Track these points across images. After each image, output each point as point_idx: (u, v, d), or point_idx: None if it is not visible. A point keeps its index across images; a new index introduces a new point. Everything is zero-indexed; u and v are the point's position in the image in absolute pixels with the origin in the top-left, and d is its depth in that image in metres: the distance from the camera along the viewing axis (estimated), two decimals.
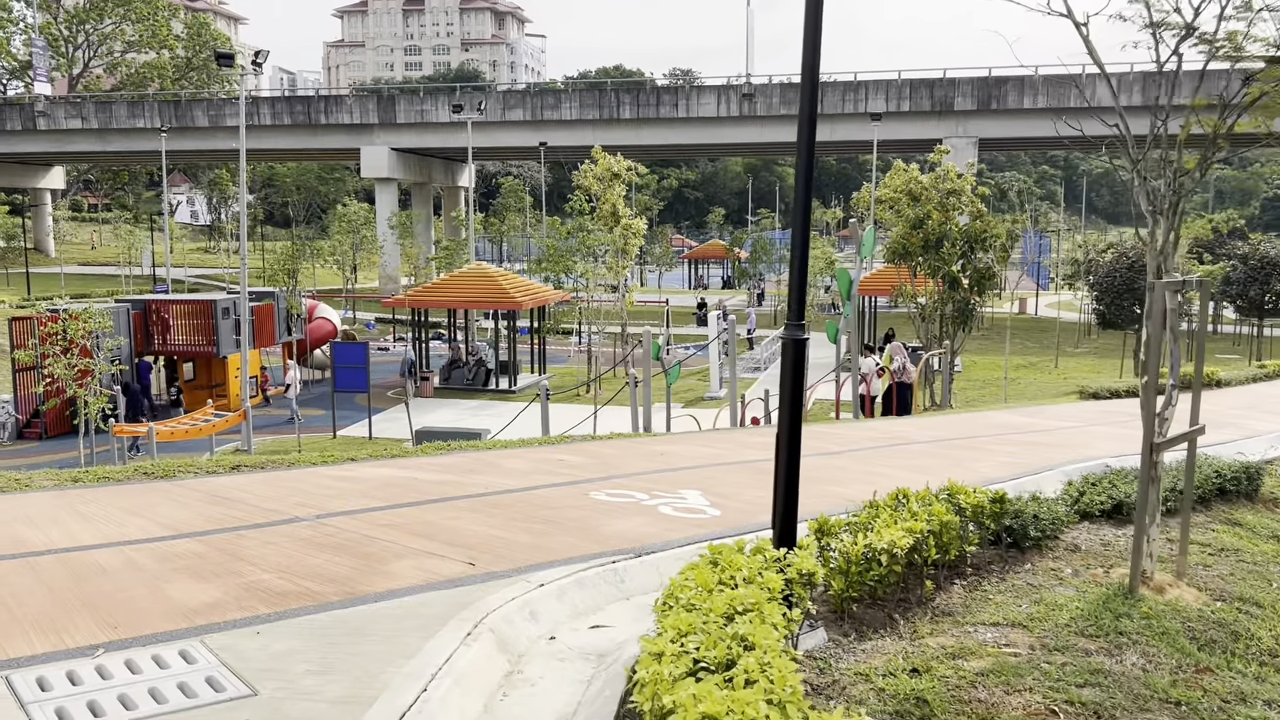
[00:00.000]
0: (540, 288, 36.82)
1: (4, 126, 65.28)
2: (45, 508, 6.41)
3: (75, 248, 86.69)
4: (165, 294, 47.22)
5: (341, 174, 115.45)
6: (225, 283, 66.36)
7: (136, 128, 64.14)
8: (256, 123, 62.71)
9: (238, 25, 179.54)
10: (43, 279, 58.46)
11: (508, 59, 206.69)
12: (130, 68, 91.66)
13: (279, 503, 6.75)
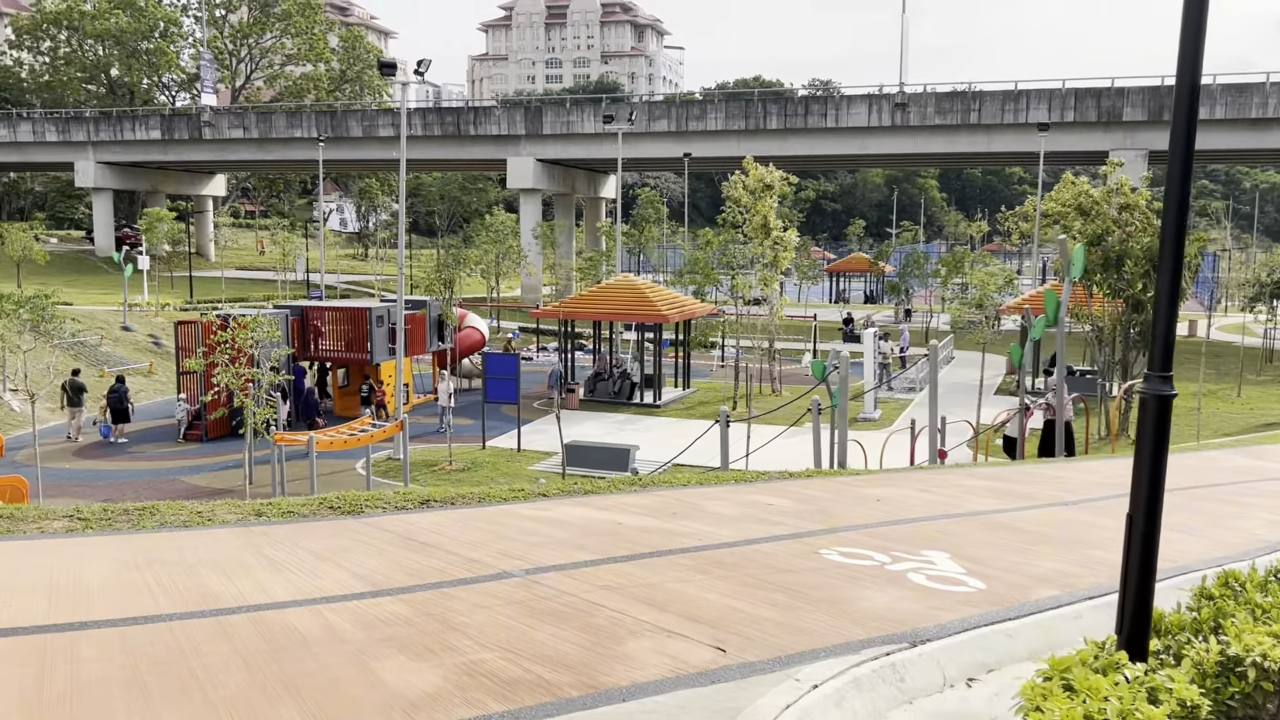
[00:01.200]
0: (686, 300, 36.06)
1: (173, 136, 68.24)
2: (231, 549, 5.82)
3: (234, 252, 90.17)
4: (319, 300, 48.28)
5: (484, 184, 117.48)
6: (375, 289, 67.85)
7: (294, 137, 66.17)
8: (408, 133, 63.90)
9: (388, 39, 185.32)
10: (203, 283, 60.73)
11: (646, 71, 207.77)
12: (289, 80, 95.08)
13: (480, 550, 6.02)
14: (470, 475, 24.50)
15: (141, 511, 6.46)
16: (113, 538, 5.91)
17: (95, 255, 72.86)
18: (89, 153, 70.20)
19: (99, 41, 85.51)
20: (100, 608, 4.75)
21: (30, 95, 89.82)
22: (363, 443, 20.11)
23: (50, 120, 71.82)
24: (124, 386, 29.35)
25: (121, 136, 69.25)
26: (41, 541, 5.76)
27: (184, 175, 79.33)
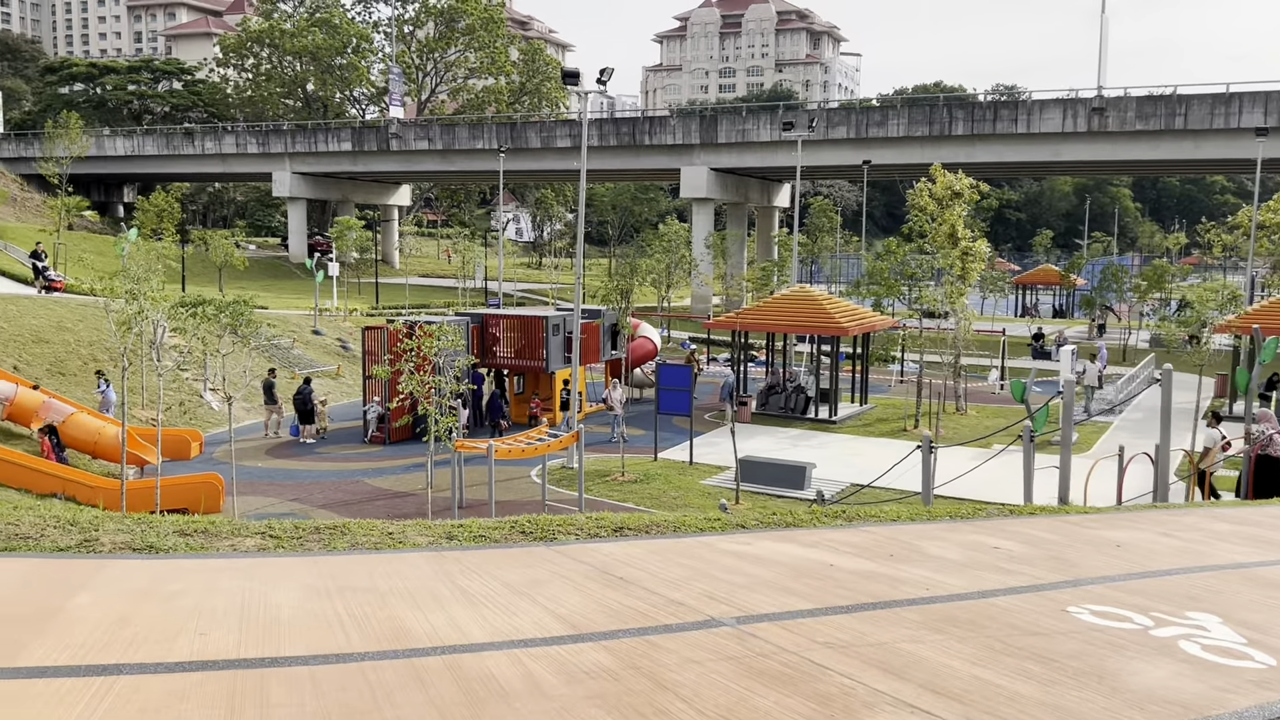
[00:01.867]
0: (865, 312, 34.87)
1: (363, 148, 71.17)
2: (423, 576, 5.48)
3: (417, 260, 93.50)
4: (497, 308, 49.21)
5: (655, 194, 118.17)
6: (549, 297, 68.92)
7: (475, 149, 67.95)
8: None
9: (565, 52, 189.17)
10: (388, 289, 62.96)
11: (821, 78, 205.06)
12: (471, 93, 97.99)
13: (683, 589, 5.50)
14: (642, 487, 24.20)
15: (333, 531, 6.22)
16: (303, 560, 5.66)
17: (289, 261, 76.74)
18: (286, 164, 73.99)
19: (297, 58, 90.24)
20: (290, 641, 4.45)
21: (234, 110, 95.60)
22: (539, 452, 20.04)
23: (252, 133, 76.08)
24: (309, 388, 30.43)
25: (315, 148, 72.70)
26: (234, 561, 5.55)
27: (372, 185, 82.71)
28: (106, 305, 19.15)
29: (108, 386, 27.47)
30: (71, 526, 5.97)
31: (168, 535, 5.89)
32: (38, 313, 32.74)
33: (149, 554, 5.60)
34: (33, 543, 5.67)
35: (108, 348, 32.70)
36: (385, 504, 23.21)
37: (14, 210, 69.66)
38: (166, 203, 49.42)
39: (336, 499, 23.52)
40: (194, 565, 5.45)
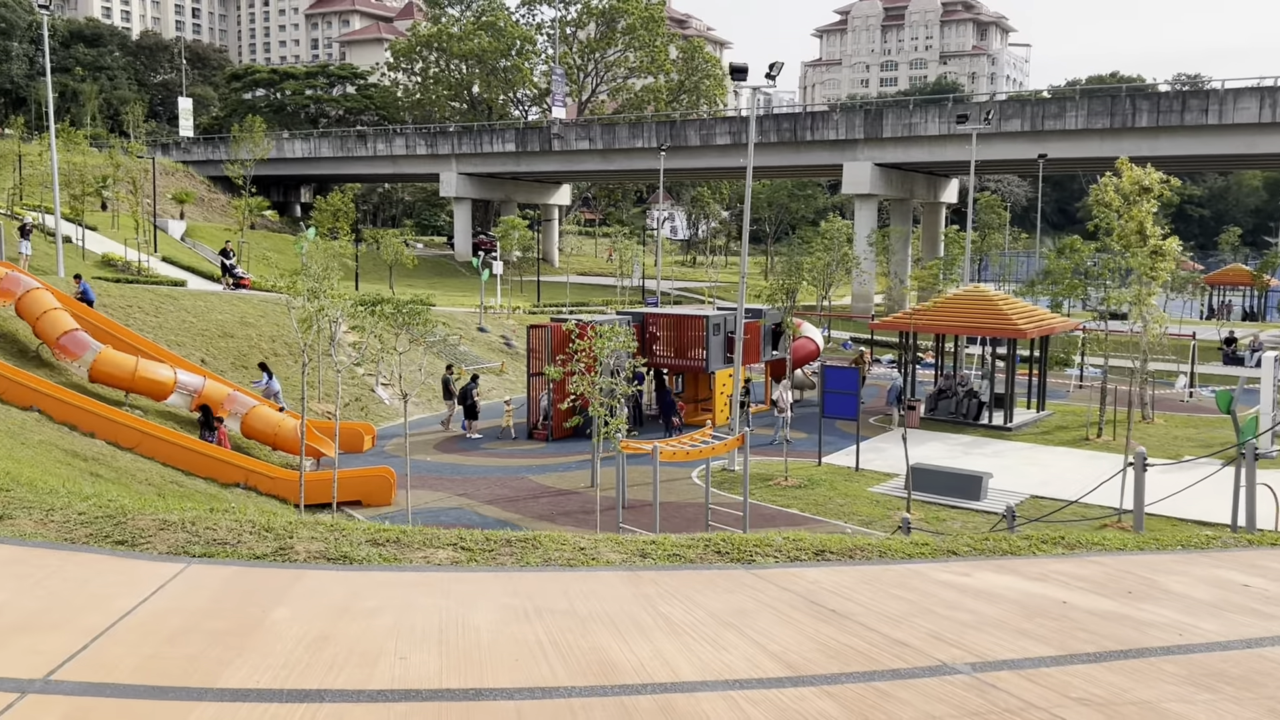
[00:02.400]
0: (1043, 313, 33.19)
1: (526, 148, 72.42)
2: (622, 599, 5.15)
3: (576, 259, 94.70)
4: (654, 306, 49.16)
5: (813, 191, 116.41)
6: (705, 296, 68.62)
7: (635, 148, 68.20)
8: (743, 140, 64.06)
9: (723, 49, 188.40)
10: (548, 287, 63.85)
11: (988, 70, 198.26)
12: (630, 92, 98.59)
13: (904, 627, 5.01)
14: (806, 493, 23.55)
15: (525, 544, 5.96)
16: (497, 575, 5.42)
17: (455, 260, 78.80)
18: (452, 165, 76.00)
19: (463, 61, 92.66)
20: (493, 670, 4.18)
21: (404, 113, 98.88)
22: (704, 455, 19.68)
23: (420, 135, 78.44)
24: (473, 384, 30.94)
25: (480, 149, 74.41)
26: (428, 576, 5.34)
27: (534, 185, 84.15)
28: (288, 302, 19.78)
29: (270, 378, 28.57)
30: (267, 533, 5.89)
31: (361, 545, 5.74)
32: (223, 308, 34.37)
33: (343, 565, 5.46)
34: (230, 549, 5.60)
35: (288, 342, 34.08)
36: (549, 501, 23.30)
37: (201, 210, 73.76)
38: (342, 203, 51.36)
39: (502, 495, 23.75)
40: (388, 579, 5.27)
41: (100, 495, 7.00)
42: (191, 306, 33.47)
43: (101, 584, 4.96)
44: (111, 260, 43.05)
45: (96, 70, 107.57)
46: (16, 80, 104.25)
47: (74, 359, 24.50)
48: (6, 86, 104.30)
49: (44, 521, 5.89)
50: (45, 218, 47.81)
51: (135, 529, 5.80)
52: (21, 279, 25.52)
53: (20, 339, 25.65)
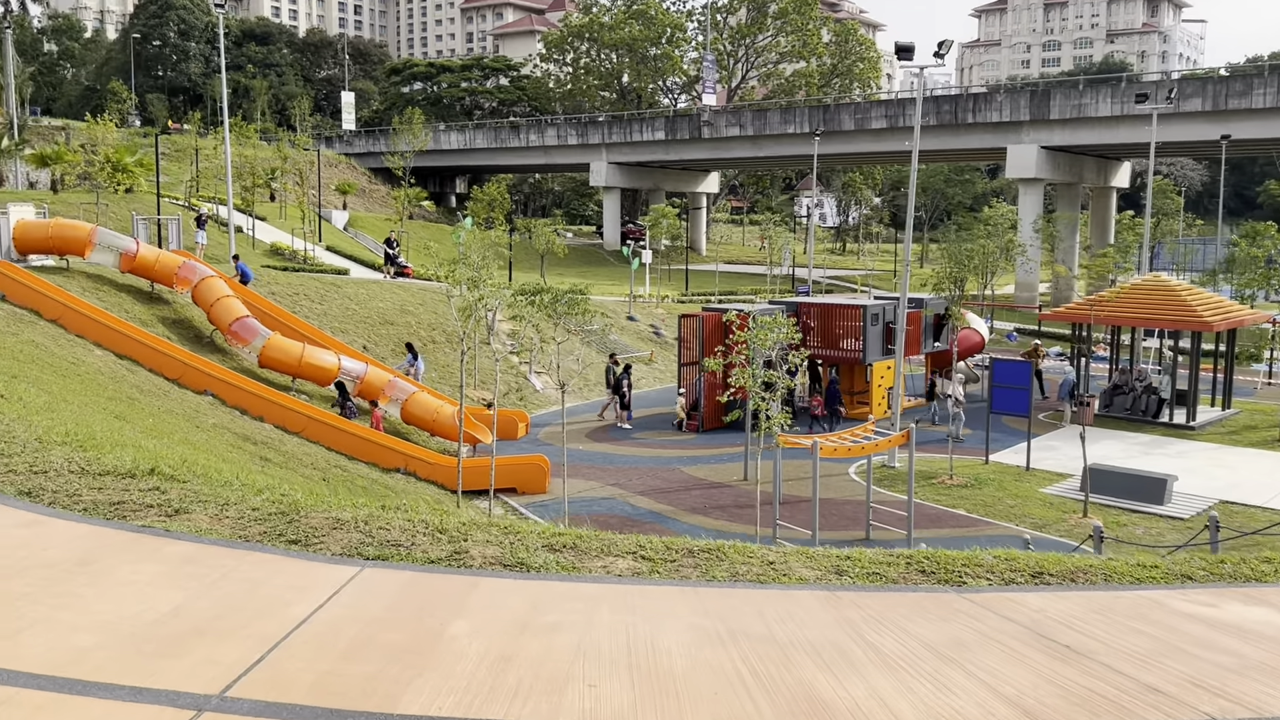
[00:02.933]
0: (1231, 305, 30.93)
1: (675, 136, 72.12)
2: (823, 624, 4.65)
3: (723, 247, 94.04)
4: (807, 295, 48.15)
5: (970, 176, 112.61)
6: (857, 284, 67.02)
7: (787, 133, 67.08)
8: (900, 124, 62.19)
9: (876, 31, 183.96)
10: (696, 276, 63.45)
11: (1159, 48, 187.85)
12: (781, 77, 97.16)
13: (1152, 669, 4.35)
14: (973, 492, 22.46)
15: (708, 555, 5.52)
16: (683, 590, 4.99)
17: (604, 249, 79.19)
18: (602, 154, 76.35)
19: (614, 50, 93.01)
20: (691, 704, 3.75)
21: (555, 103, 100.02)
22: (867, 451, 18.90)
23: (571, 125, 79.10)
24: (625, 375, 30.76)
25: (630, 138, 74.48)
26: (610, 588, 4.95)
27: (682, 173, 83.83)
28: (448, 292, 19.92)
29: (415, 359, 29.07)
30: (441, 535, 5.62)
31: (537, 550, 5.40)
32: (384, 297, 35.20)
33: (520, 572, 5.12)
34: (404, 551, 5.34)
35: (445, 330, 34.65)
36: (701, 494, 22.90)
37: (363, 200, 76.22)
38: (498, 193, 52.08)
39: (654, 486, 23.47)
40: (568, 590, 4.90)
41: (272, 489, 6.89)
42: (354, 294, 34.39)
43: (276, 587, 4.75)
44: (279, 249, 44.74)
45: (266, 67, 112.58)
46: (194, 78, 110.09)
47: (245, 345, 25.39)
48: (185, 84, 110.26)
49: (219, 517, 5.76)
50: (219, 208, 50.11)
51: (309, 527, 5.61)
52: (197, 267, 26.60)
53: (195, 325, 26.75)
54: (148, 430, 13.41)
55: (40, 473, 6.52)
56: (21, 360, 15.91)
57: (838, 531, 19.56)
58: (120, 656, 3.94)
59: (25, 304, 22.06)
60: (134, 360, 22.07)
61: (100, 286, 25.91)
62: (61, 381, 15.12)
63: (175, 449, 10.09)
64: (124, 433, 9.65)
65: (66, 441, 7.56)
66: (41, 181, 52.98)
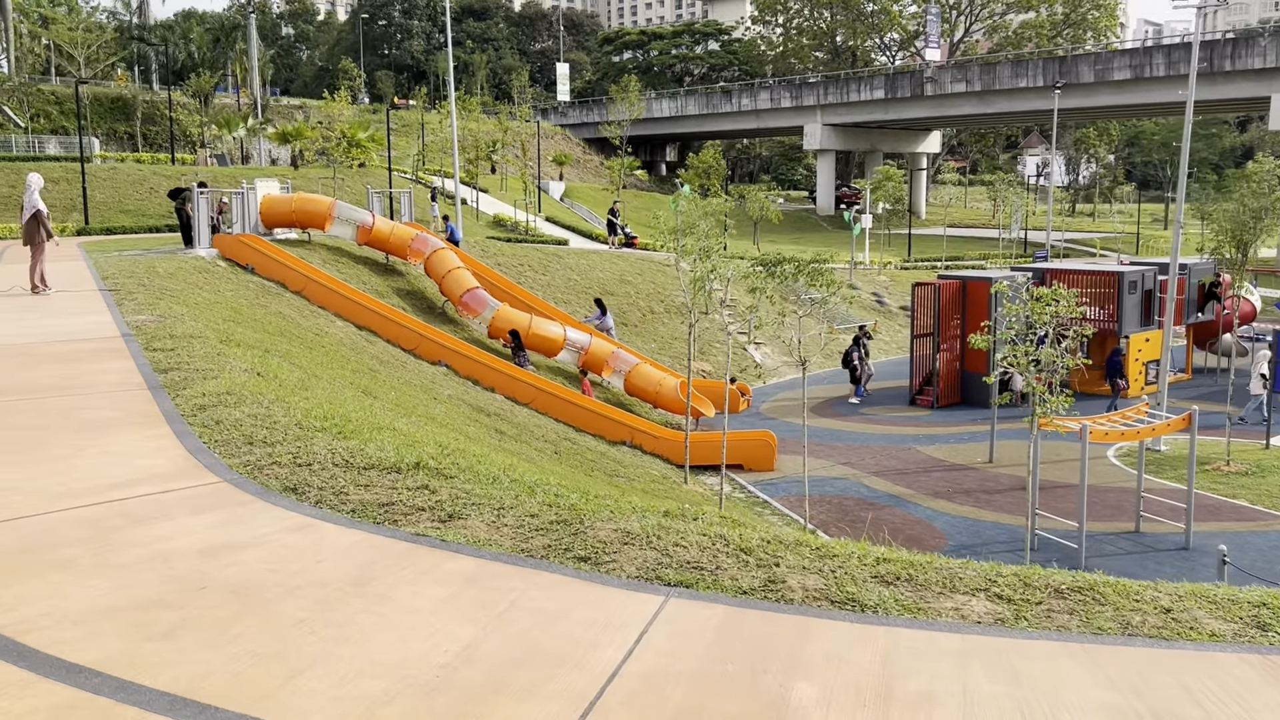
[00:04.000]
0: None
1: (895, 95, 69.14)
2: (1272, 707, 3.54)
3: (942, 210, 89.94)
4: (1044, 261, 45.05)
5: (1217, 130, 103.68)
6: (1096, 249, 62.51)
7: (1018, 88, 63.07)
8: (1146, 75, 57.26)
9: None
10: (918, 241, 60.72)
11: None
12: (1007, 29, 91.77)
13: None
14: (1255, 481, 20.12)
15: (1083, 597, 4.45)
16: (1068, 647, 3.98)
17: (816, 214, 77.13)
18: (817, 116, 74.12)
19: (828, 8, 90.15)
20: None
21: (766, 66, 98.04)
22: (1142, 435, 17.01)
23: (785, 87, 77.15)
24: (855, 348, 29.39)
25: (847, 98, 71.94)
26: (974, 641, 4.00)
27: (900, 134, 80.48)
28: (675, 263, 19.24)
29: (603, 315, 28.57)
30: (746, 556, 4.80)
31: (866, 582, 4.49)
32: (604, 267, 35.07)
33: (854, 612, 4.23)
34: (709, 577, 4.54)
35: (663, 299, 34.23)
36: (941, 476, 21.43)
37: (577, 171, 77.03)
38: (714, 159, 51.21)
39: (889, 467, 22.17)
40: (922, 642, 3.96)
41: (544, 486, 6.25)
42: (575, 265, 34.41)
43: (574, 621, 4.04)
44: (501, 220, 45.51)
45: (484, 42, 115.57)
46: (416, 55, 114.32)
47: (474, 315, 25.62)
48: (408, 62, 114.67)
49: (496, 525, 5.14)
50: (445, 181, 51.50)
51: (596, 541, 4.91)
52: (430, 239, 27.04)
53: (427, 296, 27.24)
54: (394, 405, 13.33)
55: (304, 465, 6.12)
56: (272, 333, 16.29)
57: (1102, 522, 17.79)
58: (413, 713, 3.31)
59: (273, 276, 22.88)
60: (372, 331, 22.54)
61: (339, 258, 26.73)
62: (309, 354, 15.34)
63: (425, 429, 9.75)
64: (376, 412, 9.36)
65: (325, 427, 7.20)
66: (282, 158, 55.99)
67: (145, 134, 58.86)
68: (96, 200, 37.14)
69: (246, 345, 12.12)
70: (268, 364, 10.79)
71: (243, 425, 7.00)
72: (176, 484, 5.79)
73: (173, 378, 8.81)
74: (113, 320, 12.64)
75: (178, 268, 20.42)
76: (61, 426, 7.17)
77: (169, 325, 12.09)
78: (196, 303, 16.30)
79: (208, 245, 23.72)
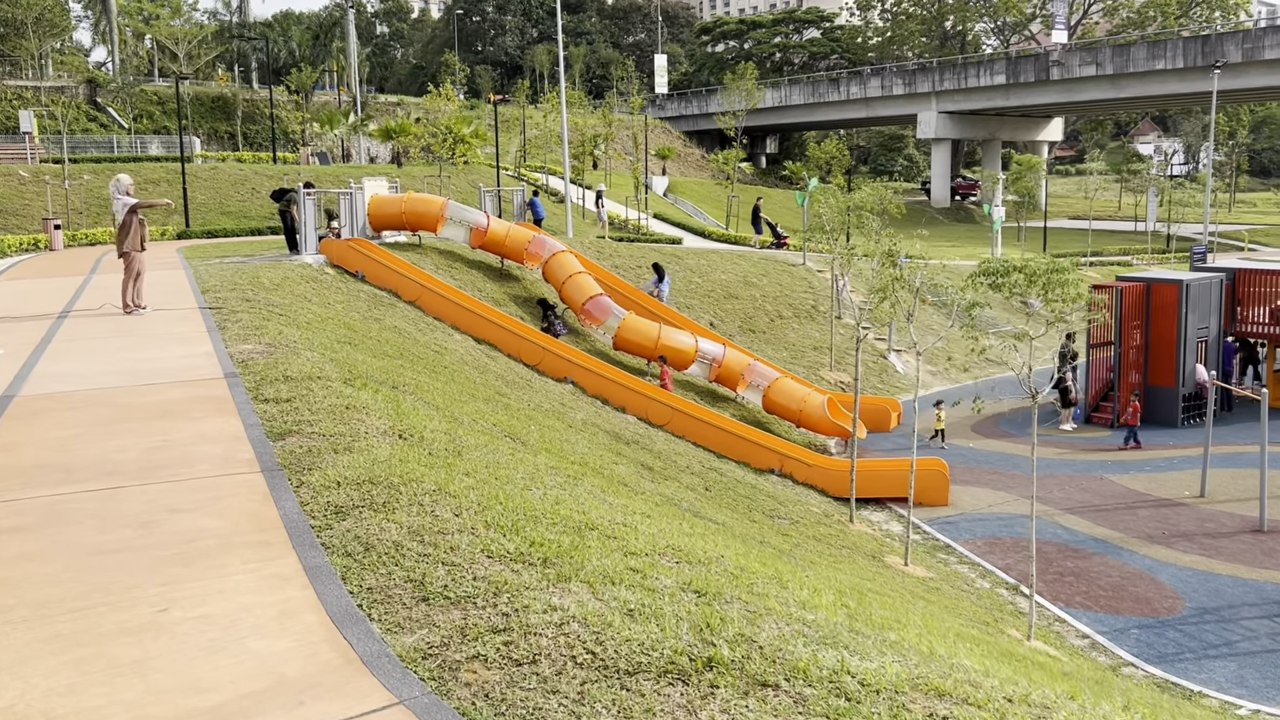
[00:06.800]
0: None
1: (1018, 79, 65.09)
2: None
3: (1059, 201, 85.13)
4: (1202, 258, 41.17)
5: None
6: (1244, 242, 57.81)
7: (1154, 70, 58.65)
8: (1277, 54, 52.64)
9: None
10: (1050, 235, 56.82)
11: None
12: (1130, 8, 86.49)
13: None
14: None
15: None
16: None
17: (930, 206, 73.32)
18: (932, 103, 70.35)
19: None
20: None
21: (870, 53, 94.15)
22: None
23: (898, 74, 73.48)
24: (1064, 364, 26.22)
25: (964, 84, 68.04)
26: None
27: (1020, 120, 76.10)
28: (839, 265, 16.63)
29: (661, 280, 26.30)
30: None
31: None
32: (725, 268, 32.47)
33: None
34: None
35: (792, 304, 31.53)
36: (1149, 515, 18.36)
37: (678, 165, 74.45)
38: (837, 149, 48.18)
39: (1084, 502, 19.17)
40: None
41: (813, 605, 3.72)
42: (695, 265, 31.86)
43: None
44: (611, 219, 43.18)
45: (577, 35, 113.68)
46: (510, 51, 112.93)
47: (598, 324, 23.30)
48: (502, 58, 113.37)
49: None
50: (548, 178, 49.40)
51: None
52: (548, 242, 24.78)
53: None
54: (541, 445, 10.99)
55: (526, 660, 3.68)
56: (392, 356, 14.11)
57: None
58: None
59: (384, 285, 20.85)
60: (492, 345, 20.37)
61: (453, 264, 24.62)
62: (438, 383, 13.09)
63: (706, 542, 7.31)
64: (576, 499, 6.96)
65: (526, 553, 4.77)
66: (381, 156, 54.57)
67: (245, 133, 58.03)
68: (197, 202, 35.82)
69: (373, 382, 9.86)
70: (403, 410, 8.53)
71: (405, 554, 4.63)
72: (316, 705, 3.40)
73: (293, 447, 6.52)
74: (214, 351, 10.50)
75: (284, 277, 18.44)
76: (140, 552, 4.87)
77: (281, 359, 9.87)
78: (307, 321, 14.19)
79: (314, 251, 21.78)
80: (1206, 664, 12.74)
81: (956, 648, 6.65)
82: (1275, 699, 11.84)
